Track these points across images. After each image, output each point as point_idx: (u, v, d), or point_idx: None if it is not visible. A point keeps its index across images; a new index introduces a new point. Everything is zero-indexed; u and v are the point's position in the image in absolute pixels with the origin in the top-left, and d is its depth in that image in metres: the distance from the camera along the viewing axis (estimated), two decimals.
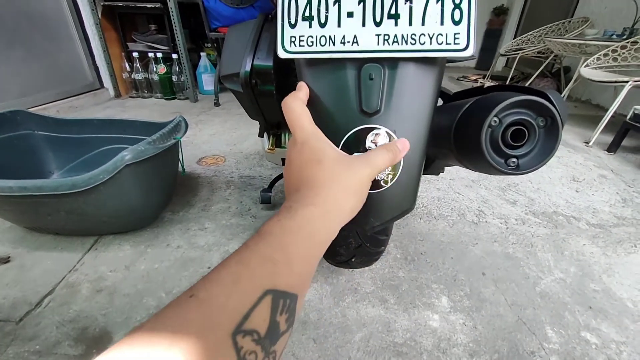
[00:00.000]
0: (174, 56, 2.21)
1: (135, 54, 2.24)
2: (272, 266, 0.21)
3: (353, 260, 0.62)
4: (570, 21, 2.90)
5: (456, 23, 0.36)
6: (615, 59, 1.93)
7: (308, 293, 0.74)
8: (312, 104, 0.40)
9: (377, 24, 0.36)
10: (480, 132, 0.37)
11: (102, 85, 2.31)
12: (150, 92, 2.39)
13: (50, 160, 1.08)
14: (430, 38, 0.36)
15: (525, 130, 0.37)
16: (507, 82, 3.07)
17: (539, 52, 2.86)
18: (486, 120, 0.37)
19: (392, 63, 0.37)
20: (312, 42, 0.37)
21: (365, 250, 0.60)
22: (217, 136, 1.65)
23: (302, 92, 0.37)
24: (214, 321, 0.17)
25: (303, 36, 0.37)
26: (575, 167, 1.43)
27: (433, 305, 0.72)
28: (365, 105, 0.38)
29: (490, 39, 4.28)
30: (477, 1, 0.36)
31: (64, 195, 0.71)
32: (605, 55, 1.94)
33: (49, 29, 1.92)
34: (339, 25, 0.37)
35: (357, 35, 0.37)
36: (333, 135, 0.39)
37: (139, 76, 2.30)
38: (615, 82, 1.67)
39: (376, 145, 0.39)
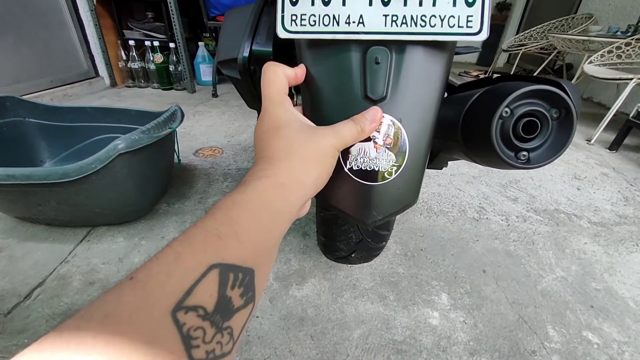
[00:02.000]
0: (172, 45, 2.16)
1: (131, 42, 2.19)
2: (217, 240, 0.20)
3: (353, 255, 0.60)
4: (574, 17, 2.87)
5: (469, 5, 0.33)
6: (619, 56, 1.91)
7: (306, 288, 0.72)
8: (313, 88, 0.38)
9: (385, 4, 0.34)
10: (491, 123, 0.35)
11: (97, 74, 2.26)
12: (147, 81, 2.35)
13: (42, 148, 1.05)
14: (442, 20, 0.33)
15: (538, 122, 0.35)
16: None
17: (541, 49, 2.84)
18: (497, 110, 0.34)
19: (400, 46, 0.35)
20: (314, 21, 0.35)
21: (365, 246, 0.58)
22: (214, 128, 1.62)
23: (292, 69, 0.34)
24: (150, 301, 0.16)
25: (305, 15, 0.35)
26: (577, 165, 1.42)
27: (433, 302, 0.71)
28: (371, 91, 0.35)
29: (493, 34, 4.24)
30: None
31: (54, 184, 0.69)
32: (609, 52, 1.91)
33: (42, 15, 1.86)
34: (343, 4, 0.34)
35: (363, 15, 0.34)
36: (335, 122, 0.37)
37: (135, 65, 2.25)
38: (619, 79, 1.65)
39: (380, 135, 0.36)
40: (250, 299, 0.21)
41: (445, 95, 0.63)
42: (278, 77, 0.31)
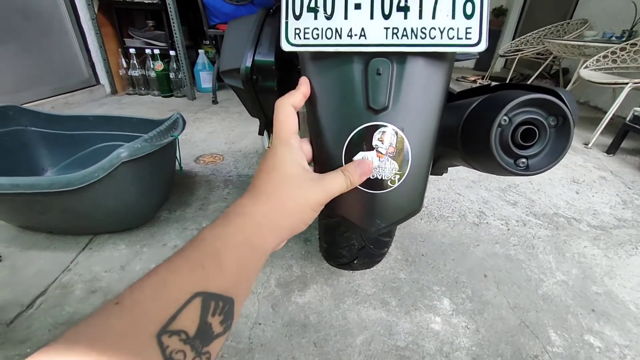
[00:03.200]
0: (172, 53, 2.18)
1: (132, 50, 2.21)
2: (201, 270, 0.21)
3: (355, 262, 0.61)
4: (569, 23, 2.91)
5: (468, 17, 0.34)
6: (614, 61, 1.93)
7: (308, 294, 0.72)
8: (317, 100, 0.38)
9: (386, 17, 0.35)
10: (490, 131, 0.36)
11: (98, 82, 2.27)
12: (147, 89, 2.36)
13: (43, 157, 1.06)
14: (441, 32, 0.34)
15: (536, 130, 0.36)
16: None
17: (537, 54, 2.87)
18: (496, 119, 0.35)
19: (401, 58, 0.36)
20: (317, 34, 0.36)
21: (368, 252, 0.58)
22: (215, 134, 1.63)
23: (299, 92, 0.36)
24: (137, 325, 0.17)
25: (308, 28, 0.36)
26: (575, 169, 1.43)
27: (435, 307, 0.71)
28: (373, 101, 0.36)
29: (489, 39, 4.28)
30: None
31: (58, 193, 0.69)
32: (605, 57, 1.94)
33: (43, 24, 1.88)
34: (346, 18, 0.35)
35: (364, 28, 0.35)
36: (338, 132, 0.38)
37: (135, 73, 2.27)
38: (615, 83, 1.67)
39: (383, 144, 0.37)
40: (228, 327, 0.22)
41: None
42: (289, 118, 0.32)
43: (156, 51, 2.19)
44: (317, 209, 0.31)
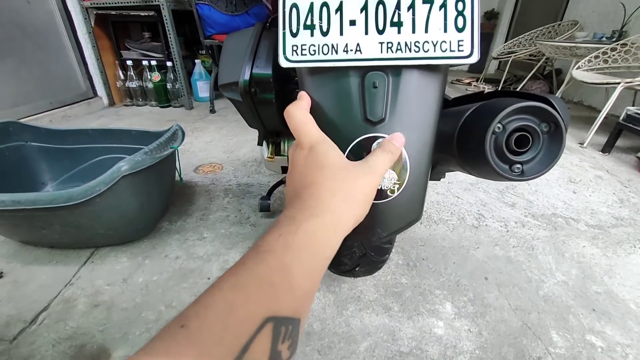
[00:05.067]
0: (169, 64, 2.20)
1: (129, 62, 2.23)
2: (271, 290, 0.20)
3: (357, 269, 0.61)
4: (560, 24, 2.95)
5: (459, 30, 0.35)
6: (605, 61, 1.96)
7: None
8: (315, 113, 0.39)
9: (380, 32, 0.36)
10: (484, 138, 0.37)
11: (95, 94, 2.29)
12: (145, 100, 2.38)
13: (43, 171, 1.06)
14: (434, 45, 0.36)
15: (529, 136, 0.37)
16: (500, 85, 3.11)
17: (530, 55, 2.91)
18: (490, 126, 0.36)
19: (396, 71, 0.37)
20: (314, 50, 0.37)
21: (369, 259, 0.59)
22: (213, 143, 1.64)
23: (304, 101, 0.37)
24: (209, 355, 0.16)
25: (305, 45, 0.37)
26: (572, 169, 1.45)
27: (437, 311, 0.72)
28: (370, 114, 0.37)
29: (482, 42, 4.33)
30: (480, 8, 0.36)
31: (59, 208, 0.69)
32: (596, 57, 1.97)
33: (40, 38, 1.90)
34: (341, 34, 0.36)
35: (360, 43, 0.36)
36: (338, 144, 0.39)
37: (133, 84, 2.29)
38: (607, 83, 1.69)
39: None
40: (294, 350, 0.21)
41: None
42: (308, 116, 0.33)
43: (153, 62, 2.21)
44: (374, 193, 0.31)
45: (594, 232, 1.00)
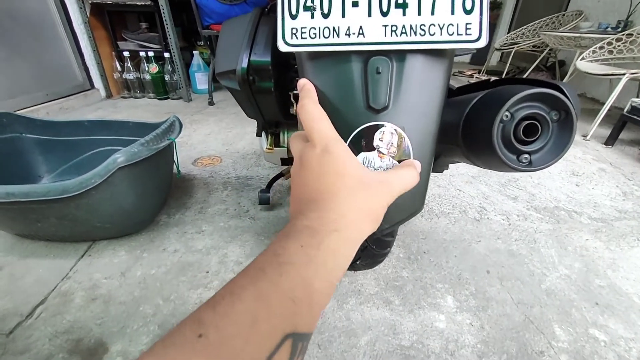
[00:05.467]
0: (166, 55, 2.16)
1: (126, 53, 2.19)
2: (293, 306, 0.19)
3: (358, 262, 0.60)
4: (564, 14, 2.90)
5: (467, 12, 0.34)
6: (610, 52, 1.93)
7: None
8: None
9: (384, 14, 0.34)
10: (492, 127, 0.35)
11: (92, 86, 2.25)
12: (143, 92, 2.34)
13: (39, 163, 1.05)
14: (441, 28, 0.34)
15: (539, 125, 0.35)
16: (503, 77, 3.07)
17: (533, 46, 2.86)
18: (498, 114, 0.35)
19: (401, 55, 0.35)
20: (314, 34, 0.35)
21: (370, 253, 0.58)
22: (212, 136, 1.62)
23: (312, 91, 0.34)
24: None
25: (305, 28, 0.35)
26: (575, 161, 1.43)
27: (439, 305, 0.71)
28: (373, 101, 0.35)
29: None
30: None
31: (53, 200, 0.68)
32: (601, 48, 1.94)
33: (35, 29, 1.86)
34: (343, 16, 0.34)
35: (362, 26, 0.34)
36: (338, 133, 0.37)
37: (130, 76, 2.25)
38: (612, 74, 1.66)
39: (384, 144, 0.37)
40: None
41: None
42: (322, 112, 0.31)
43: (150, 53, 2.17)
44: (385, 210, 0.29)
45: (597, 225, 0.99)
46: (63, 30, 2.03)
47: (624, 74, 1.60)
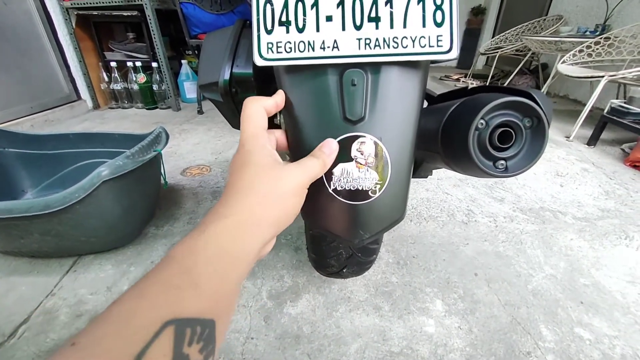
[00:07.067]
0: (154, 65, 2.16)
1: (113, 64, 2.18)
2: (174, 292, 0.19)
3: (345, 270, 0.61)
4: (545, 19, 2.99)
5: (438, 25, 0.35)
6: (590, 55, 1.99)
7: (300, 304, 0.71)
8: (294, 112, 0.38)
9: (358, 28, 0.35)
10: (468, 135, 0.36)
11: (79, 97, 2.23)
12: (131, 102, 2.33)
13: (23, 178, 1.03)
14: (413, 41, 0.35)
15: (512, 132, 0.37)
16: (489, 80, 3.14)
17: (517, 50, 2.94)
18: (473, 123, 0.36)
19: (375, 68, 0.36)
20: (290, 48, 0.36)
21: (356, 260, 0.58)
22: (201, 145, 1.61)
23: (272, 98, 0.34)
24: None
25: (280, 42, 0.36)
26: (558, 162, 1.46)
27: (428, 310, 0.71)
28: (349, 112, 0.36)
29: (470, 38, 4.38)
30: (459, 2, 0.35)
31: (36, 216, 0.67)
32: (580, 51, 2.00)
33: (19, 41, 1.84)
34: (317, 30, 0.35)
35: (337, 39, 0.35)
36: (317, 144, 0.38)
37: (118, 86, 2.24)
38: (591, 77, 1.71)
39: (362, 154, 0.37)
40: (211, 352, 0.20)
41: (426, 104, 0.65)
42: (256, 113, 0.31)
43: (138, 63, 2.17)
44: (300, 194, 0.29)
45: (581, 225, 1.01)
46: (48, 42, 2.01)
47: (602, 77, 1.65)
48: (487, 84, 3.12)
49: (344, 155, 0.37)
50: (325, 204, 0.38)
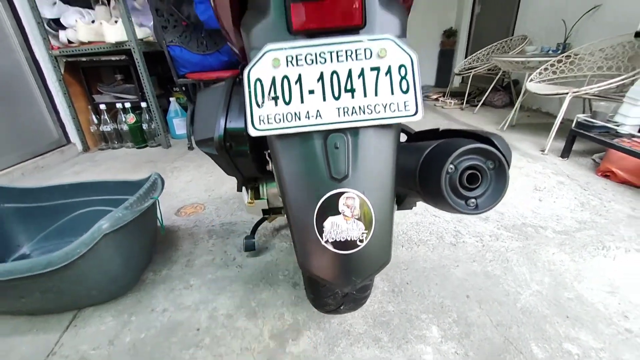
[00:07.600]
0: (143, 104, 2.21)
1: (102, 106, 2.23)
2: None
3: (342, 307, 0.64)
4: (511, 39, 3.20)
5: (404, 92, 0.41)
6: (554, 72, 2.14)
7: (302, 342, 0.73)
8: (287, 174, 0.43)
9: (336, 98, 0.41)
10: (440, 178, 0.41)
11: (68, 141, 2.25)
12: (121, 142, 2.36)
13: (18, 233, 1.04)
14: (384, 107, 0.41)
15: (479, 174, 0.42)
16: (465, 98, 3.30)
17: (489, 69, 3.12)
18: (443, 168, 0.41)
19: (354, 131, 0.42)
20: (279, 119, 0.41)
21: (352, 297, 0.61)
22: (193, 182, 1.64)
23: None
24: None
25: (270, 114, 0.41)
26: (536, 177, 1.54)
27: (424, 337, 0.74)
28: (334, 171, 0.41)
29: (445, 59, 4.62)
30: (420, 73, 0.42)
31: (38, 275, 0.68)
32: (545, 69, 2.15)
33: (7, 90, 1.88)
34: (302, 102, 0.41)
35: (319, 109, 0.41)
36: (308, 202, 0.42)
37: (107, 128, 2.27)
38: (557, 94, 1.84)
39: (349, 208, 0.42)
40: None
41: (405, 138, 0.71)
42: None
43: (127, 104, 2.22)
44: None
45: (561, 238, 1.07)
46: (37, 89, 2.05)
47: (567, 93, 1.78)
48: (465, 101, 3.28)
49: (332, 209, 0.42)
50: (319, 254, 0.42)
